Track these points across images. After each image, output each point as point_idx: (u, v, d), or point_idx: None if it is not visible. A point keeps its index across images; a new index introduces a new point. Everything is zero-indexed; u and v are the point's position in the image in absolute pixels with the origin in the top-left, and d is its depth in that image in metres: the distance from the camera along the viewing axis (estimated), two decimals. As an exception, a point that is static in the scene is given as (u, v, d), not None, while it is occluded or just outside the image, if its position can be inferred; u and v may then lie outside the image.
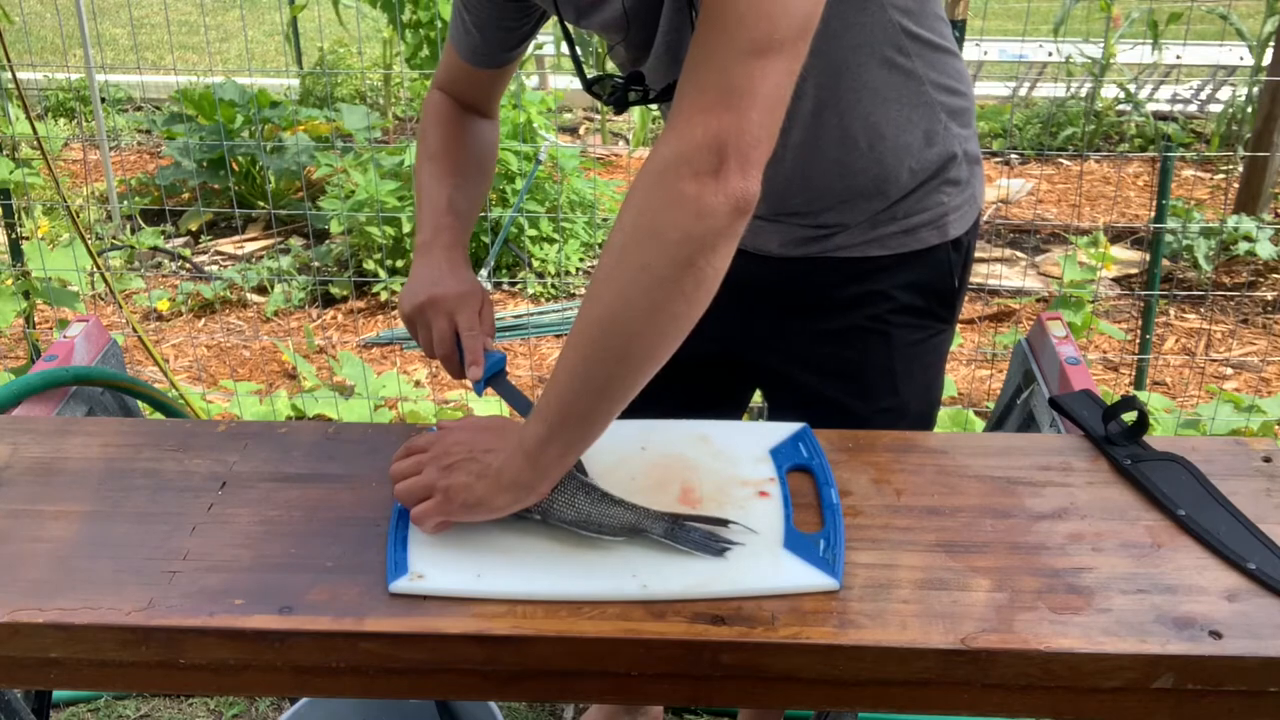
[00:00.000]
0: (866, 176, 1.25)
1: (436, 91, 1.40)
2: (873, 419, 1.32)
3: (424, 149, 1.36)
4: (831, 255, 1.31)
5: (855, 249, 1.30)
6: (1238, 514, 1.05)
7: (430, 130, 1.37)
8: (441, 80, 1.40)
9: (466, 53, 1.34)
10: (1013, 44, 6.51)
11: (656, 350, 0.94)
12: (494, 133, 1.43)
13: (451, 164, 1.34)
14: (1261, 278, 4.12)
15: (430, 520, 1.01)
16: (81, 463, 1.16)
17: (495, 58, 1.35)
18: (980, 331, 3.76)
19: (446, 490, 1.01)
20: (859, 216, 1.28)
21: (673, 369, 0.97)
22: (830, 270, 1.32)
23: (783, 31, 0.90)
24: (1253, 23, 5.60)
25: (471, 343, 1.22)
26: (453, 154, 1.35)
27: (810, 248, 1.32)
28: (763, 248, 1.33)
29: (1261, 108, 4.41)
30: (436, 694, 1.45)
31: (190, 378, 3.53)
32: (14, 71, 3.18)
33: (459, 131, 1.37)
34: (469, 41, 1.33)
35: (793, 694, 0.96)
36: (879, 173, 1.25)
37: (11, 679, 1.07)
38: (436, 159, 1.35)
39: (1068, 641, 0.91)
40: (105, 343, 1.59)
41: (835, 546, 1.00)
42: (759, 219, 1.28)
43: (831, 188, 1.27)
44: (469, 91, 1.39)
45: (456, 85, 1.39)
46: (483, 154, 1.40)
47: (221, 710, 2.15)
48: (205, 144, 4.63)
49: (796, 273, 1.34)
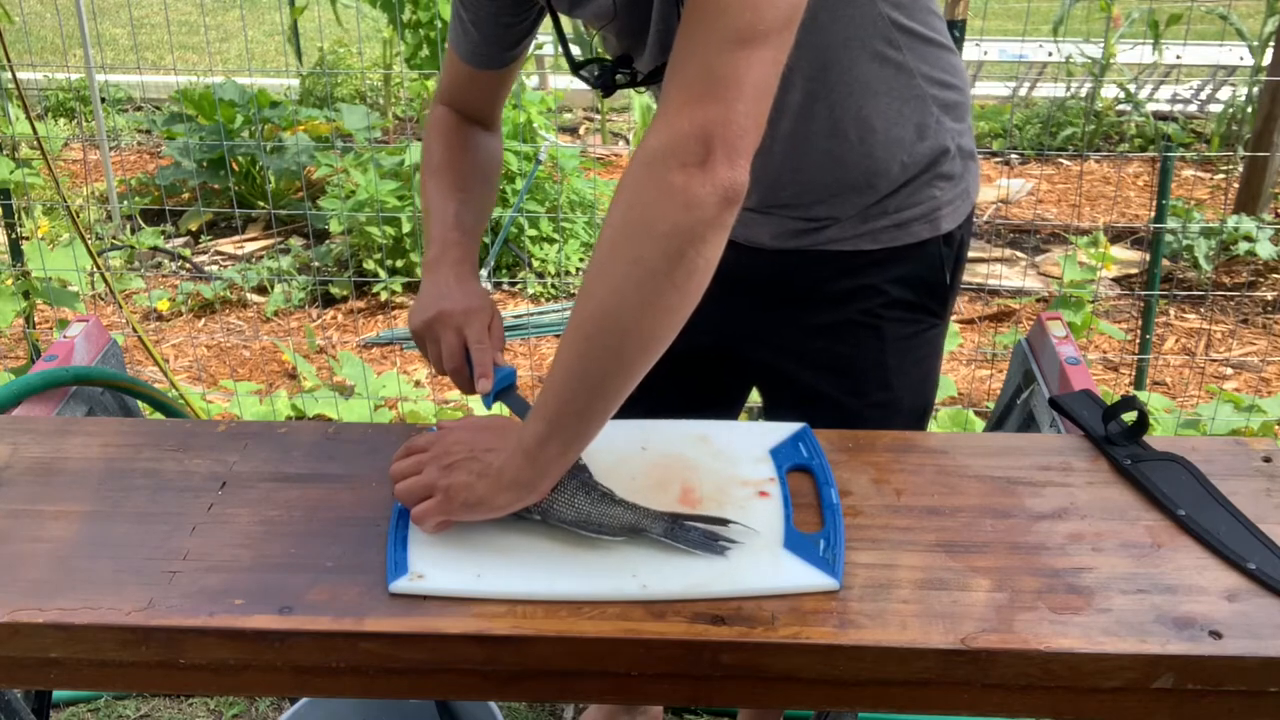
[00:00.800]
0: (857, 170, 1.26)
1: (439, 106, 1.39)
2: (866, 414, 1.33)
3: (428, 164, 1.36)
4: (823, 248, 1.31)
5: (846, 242, 1.30)
6: (1238, 514, 1.05)
7: (434, 145, 1.36)
8: (444, 93, 1.39)
9: (467, 53, 1.34)
10: (1013, 44, 6.51)
11: (651, 344, 0.94)
12: (497, 144, 1.42)
13: (456, 178, 1.34)
14: (1261, 278, 4.12)
15: (431, 520, 1.01)
16: (81, 463, 1.16)
17: (496, 57, 1.34)
18: (980, 331, 3.76)
19: (447, 490, 1.01)
20: (850, 210, 1.28)
21: (667, 364, 0.98)
22: (822, 264, 1.32)
23: (768, 21, 0.90)
24: (1253, 23, 5.60)
25: (481, 356, 1.21)
26: (457, 168, 1.35)
27: (802, 240, 1.32)
28: (754, 240, 1.33)
29: (1261, 108, 4.41)
30: (436, 694, 1.45)
31: (190, 378, 3.53)
32: (14, 71, 3.18)
33: (462, 145, 1.37)
34: (468, 42, 1.33)
35: (793, 694, 0.96)
36: (870, 166, 1.25)
37: (11, 679, 1.07)
38: (440, 174, 1.34)
39: (1068, 641, 0.91)
40: (105, 343, 1.59)
41: (835, 546, 1.00)
42: (750, 211, 1.29)
43: (822, 180, 1.27)
44: (472, 99, 1.38)
45: (459, 94, 1.38)
46: (487, 167, 1.39)
47: (221, 710, 2.15)
48: (205, 144, 4.63)
49: (788, 266, 1.34)
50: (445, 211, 1.30)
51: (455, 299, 1.24)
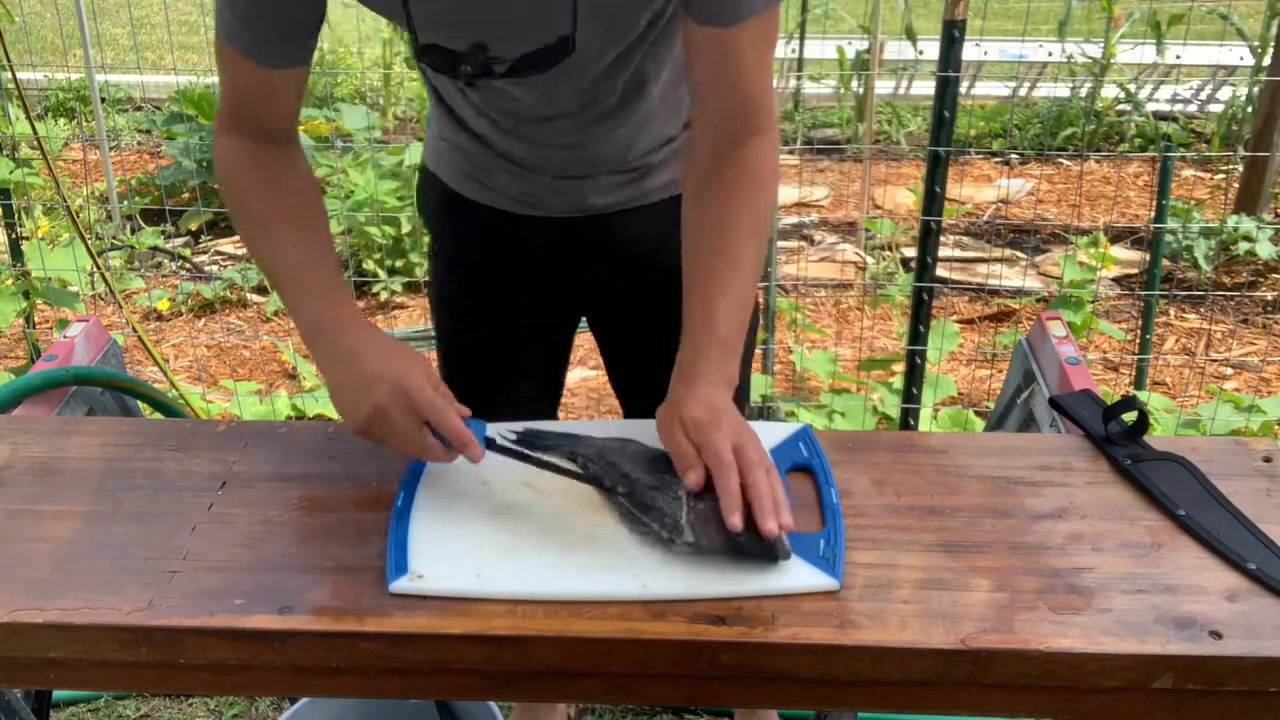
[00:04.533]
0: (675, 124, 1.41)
1: (229, 137, 1.20)
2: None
3: (245, 211, 1.20)
4: (645, 202, 1.43)
5: (663, 190, 1.43)
6: (1238, 514, 1.05)
7: (248, 187, 1.19)
8: (227, 117, 1.21)
9: (250, 46, 1.14)
10: (1013, 44, 6.51)
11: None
12: (307, 164, 1.25)
13: (291, 226, 1.18)
14: (1261, 278, 4.12)
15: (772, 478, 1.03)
16: (81, 463, 1.16)
17: (287, 49, 1.16)
18: (980, 331, 3.77)
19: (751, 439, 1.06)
20: (664, 157, 1.41)
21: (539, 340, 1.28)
22: (646, 216, 1.43)
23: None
24: (1253, 23, 5.60)
25: (450, 424, 1.07)
26: (291, 213, 1.19)
27: (629, 191, 1.42)
28: (581, 210, 1.42)
29: (1261, 108, 4.41)
30: (436, 694, 1.45)
31: (190, 378, 3.53)
32: (14, 71, 3.18)
33: (279, 180, 1.20)
34: (251, 35, 1.14)
35: (793, 694, 0.96)
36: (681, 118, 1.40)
37: (11, 679, 1.07)
38: (271, 226, 1.18)
39: (1068, 641, 0.91)
40: (105, 343, 1.59)
41: (835, 546, 1.00)
42: (581, 178, 1.39)
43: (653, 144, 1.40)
44: (268, 112, 1.20)
45: (246, 110, 1.20)
46: (313, 200, 1.23)
47: (221, 710, 2.14)
48: (205, 144, 4.63)
49: (616, 224, 1.44)
50: (300, 271, 1.16)
51: (382, 373, 1.08)
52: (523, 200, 1.43)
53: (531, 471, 1.11)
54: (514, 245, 1.47)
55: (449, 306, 1.58)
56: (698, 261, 1.17)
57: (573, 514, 1.06)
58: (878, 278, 4.22)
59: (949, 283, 4.05)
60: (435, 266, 1.57)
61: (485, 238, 1.48)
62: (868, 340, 3.75)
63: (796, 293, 4.11)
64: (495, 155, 1.40)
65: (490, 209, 1.45)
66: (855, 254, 4.49)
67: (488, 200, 1.45)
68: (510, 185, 1.42)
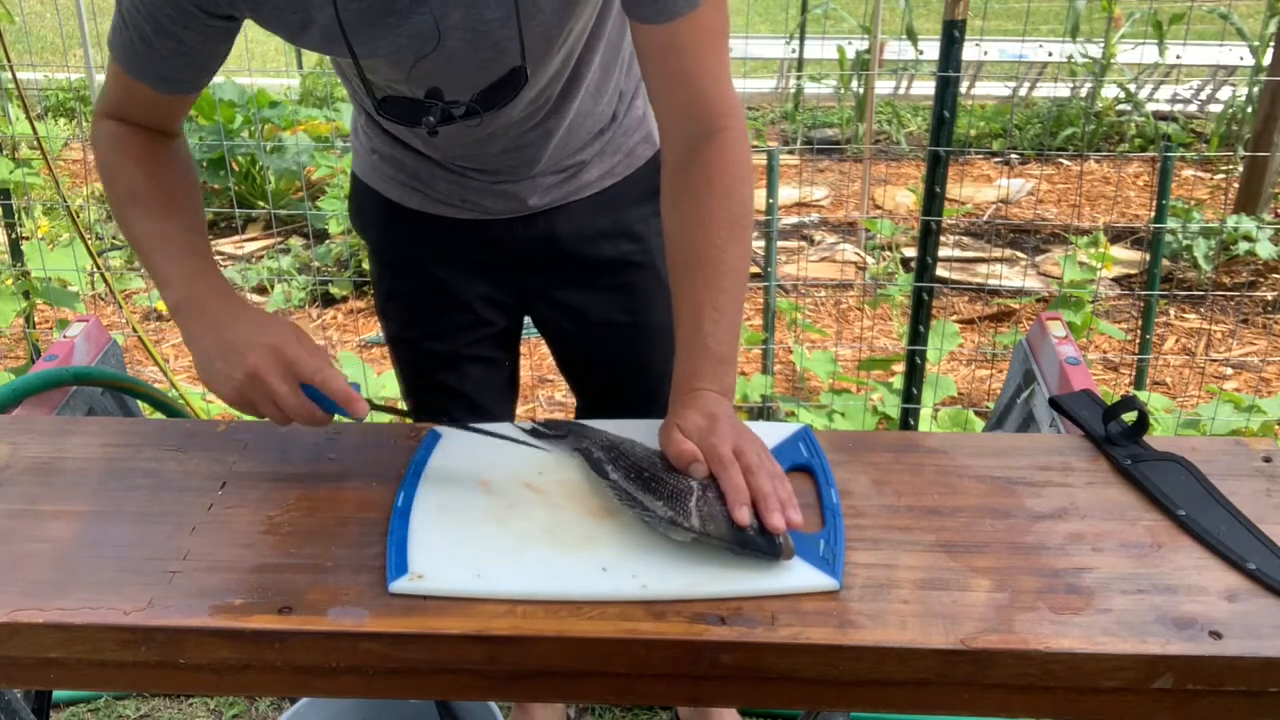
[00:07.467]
0: (604, 119, 1.45)
1: (109, 121, 1.21)
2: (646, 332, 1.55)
3: (122, 190, 1.19)
4: (580, 197, 1.48)
5: (596, 184, 1.48)
6: (1238, 514, 1.05)
7: (123, 166, 1.20)
8: (113, 108, 1.21)
9: (153, 78, 1.16)
10: (1013, 44, 6.51)
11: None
12: (188, 151, 1.27)
13: (166, 201, 1.19)
14: (1261, 278, 4.13)
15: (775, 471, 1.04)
16: (81, 463, 1.16)
17: (194, 82, 1.19)
18: (980, 331, 3.77)
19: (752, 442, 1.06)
20: (596, 151, 1.46)
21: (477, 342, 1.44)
22: (582, 210, 1.48)
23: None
24: (1253, 23, 5.60)
25: (333, 381, 1.06)
26: (165, 189, 1.20)
27: (565, 189, 1.46)
28: (520, 210, 1.47)
29: (1261, 108, 4.41)
30: (436, 694, 1.44)
31: (190, 378, 3.53)
32: (14, 71, 3.18)
33: (156, 161, 1.21)
34: (159, 68, 1.15)
35: (793, 694, 0.96)
36: (607, 111, 1.45)
37: (11, 679, 1.07)
38: (145, 200, 1.18)
39: (1068, 641, 0.91)
40: (105, 343, 1.59)
41: (835, 546, 1.00)
42: (519, 181, 1.43)
43: (586, 140, 1.45)
44: (148, 119, 1.22)
45: (135, 112, 1.21)
46: (190, 181, 1.24)
47: (221, 710, 2.15)
48: (205, 144, 4.63)
49: (554, 220, 1.48)
50: (171, 240, 1.16)
51: (254, 339, 1.07)
52: (463, 205, 1.47)
53: (532, 472, 1.11)
54: (456, 247, 1.50)
55: (399, 313, 1.60)
56: (681, 277, 1.15)
57: (573, 514, 1.06)
58: (878, 278, 4.22)
59: (949, 283, 4.06)
60: (380, 275, 1.59)
61: (428, 242, 1.51)
62: (868, 340, 3.75)
63: (796, 293, 4.11)
64: (433, 165, 1.44)
65: (431, 215, 1.48)
66: (855, 254, 4.49)
67: (427, 208, 1.48)
68: (450, 193, 1.46)
